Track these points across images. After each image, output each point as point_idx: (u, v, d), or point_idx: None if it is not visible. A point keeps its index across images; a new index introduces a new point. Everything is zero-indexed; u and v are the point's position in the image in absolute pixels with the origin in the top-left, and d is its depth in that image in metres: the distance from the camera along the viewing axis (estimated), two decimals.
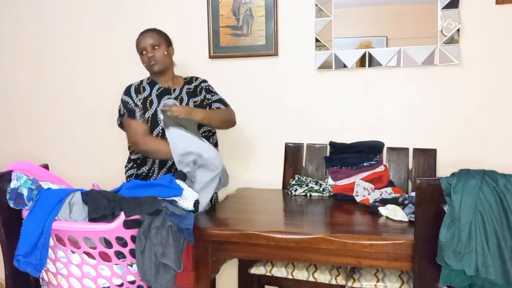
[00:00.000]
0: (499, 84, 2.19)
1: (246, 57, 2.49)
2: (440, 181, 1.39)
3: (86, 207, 1.48)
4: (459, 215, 1.35)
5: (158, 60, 2.04)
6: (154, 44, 2.05)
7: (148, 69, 2.09)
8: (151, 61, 2.04)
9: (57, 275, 1.56)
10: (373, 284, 1.75)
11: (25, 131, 2.89)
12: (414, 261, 1.48)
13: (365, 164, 2.13)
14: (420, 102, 2.30)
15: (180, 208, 1.60)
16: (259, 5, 2.43)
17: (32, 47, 2.83)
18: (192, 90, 2.14)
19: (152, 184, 1.60)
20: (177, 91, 2.10)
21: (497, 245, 1.33)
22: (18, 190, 1.53)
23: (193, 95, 2.12)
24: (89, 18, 2.72)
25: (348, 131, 2.38)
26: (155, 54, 2.04)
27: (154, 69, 2.06)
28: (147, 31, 2.09)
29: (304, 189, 2.19)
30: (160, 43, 2.06)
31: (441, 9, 2.19)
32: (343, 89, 2.39)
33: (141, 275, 1.49)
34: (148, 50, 2.04)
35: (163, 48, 2.06)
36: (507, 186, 1.34)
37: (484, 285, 1.36)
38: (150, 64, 2.05)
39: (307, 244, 1.57)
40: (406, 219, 1.70)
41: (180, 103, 2.06)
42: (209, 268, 1.71)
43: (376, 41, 2.29)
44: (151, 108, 2.02)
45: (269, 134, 2.50)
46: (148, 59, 2.04)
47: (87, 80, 2.77)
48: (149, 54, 2.03)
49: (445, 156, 2.23)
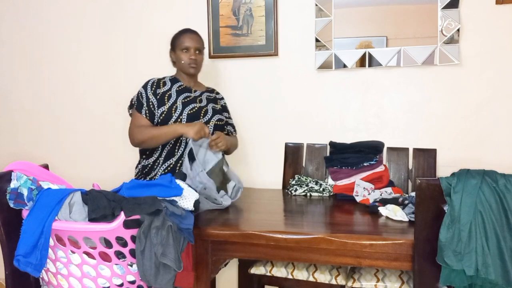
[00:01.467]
0: (499, 84, 2.19)
1: (246, 57, 2.49)
2: (440, 181, 1.39)
3: (86, 207, 1.48)
4: (459, 215, 1.35)
5: (198, 65, 2.12)
6: (200, 48, 2.12)
7: (184, 68, 2.11)
8: (192, 63, 2.09)
9: (57, 275, 1.56)
10: (373, 284, 1.75)
11: (25, 131, 2.90)
12: (414, 261, 1.48)
13: (365, 164, 2.13)
14: (420, 102, 2.30)
15: (180, 208, 1.60)
16: (259, 5, 2.43)
17: (32, 47, 2.83)
18: (213, 98, 2.19)
19: (152, 184, 1.60)
20: (198, 92, 2.14)
21: (497, 245, 1.33)
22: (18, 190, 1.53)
23: (213, 102, 2.17)
24: (89, 18, 2.72)
25: (348, 131, 2.38)
26: (197, 58, 2.10)
27: (191, 71, 2.11)
28: (194, 32, 2.13)
29: (304, 189, 2.19)
30: (202, 49, 2.14)
31: (441, 9, 2.19)
32: (343, 89, 2.39)
33: (141, 275, 1.49)
34: (192, 52, 2.08)
35: (203, 54, 2.13)
36: (507, 186, 1.34)
37: (484, 285, 1.36)
38: (190, 65, 2.09)
39: (307, 244, 1.57)
40: (406, 219, 1.70)
41: (199, 102, 2.10)
42: (209, 268, 1.71)
43: (376, 41, 2.30)
44: (168, 101, 2.04)
45: (269, 134, 2.50)
46: (190, 60, 2.08)
47: (87, 80, 2.77)
48: (192, 56, 2.08)
49: (445, 156, 2.23)
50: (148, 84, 2.09)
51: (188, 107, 2.06)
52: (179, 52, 2.10)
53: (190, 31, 2.13)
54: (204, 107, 2.11)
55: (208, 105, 2.12)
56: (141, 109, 2.05)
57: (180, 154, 2.04)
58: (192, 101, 2.10)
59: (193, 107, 2.07)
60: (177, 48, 2.11)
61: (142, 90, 2.09)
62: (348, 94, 2.39)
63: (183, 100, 2.07)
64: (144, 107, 2.05)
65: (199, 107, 2.09)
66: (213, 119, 2.10)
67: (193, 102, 2.09)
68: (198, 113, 2.07)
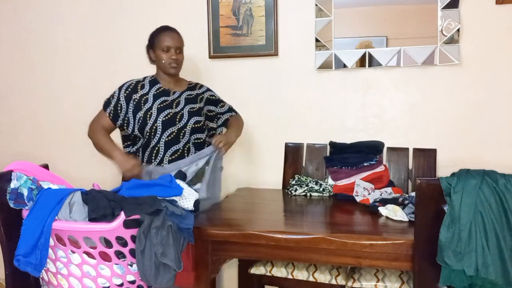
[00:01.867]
0: (499, 84, 2.19)
1: (246, 57, 2.49)
2: (440, 181, 1.39)
3: (86, 207, 1.48)
4: (459, 215, 1.34)
5: (179, 65, 2.07)
6: (180, 47, 2.06)
7: (164, 68, 2.06)
8: (173, 63, 2.04)
9: (57, 275, 1.56)
10: (373, 284, 1.75)
11: (25, 131, 2.89)
12: (414, 261, 1.48)
13: (365, 164, 2.13)
14: (420, 102, 2.30)
15: (180, 208, 1.60)
16: (259, 5, 2.43)
17: (32, 47, 2.83)
18: (193, 97, 2.13)
19: (152, 184, 1.60)
20: (176, 94, 2.09)
21: (497, 245, 1.33)
22: (18, 190, 1.53)
23: (192, 102, 2.11)
24: (89, 18, 2.72)
25: (348, 131, 2.38)
26: (178, 58, 2.05)
27: (172, 72, 2.06)
28: (174, 31, 2.07)
29: (304, 189, 2.19)
30: (182, 47, 2.08)
31: (441, 9, 2.19)
32: (343, 89, 2.39)
33: (141, 275, 1.49)
34: (173, 52, 2.03)
35: (183, 54, 2.09)
36: (507, 186, 1.34)
37: (484, 285, 1.36)
38: (170, 65, 2.04)
39: (307, 244, 1.58)
40: (406, 219, 1.70)
41: (176, 106, 2.05)
42: (209, 268, 1.71)
43: (376, 41, 2.29)
44: (144, 106, 2.01)
45: (269, 134, 2.50)
46: (171, 60, 2.03)
47: (87, 80, 2.77)
48: (173, 56, 2.03)
49: (445, 156, 2.23)
50: (123, 86, 2.06)
51: (163, 113, 2.01)
52: (159, 52, 2.04)
53: (170, 29, 2.08)
54: (180, 111, 2.05)
55: (184, 108, 2.06)
56: (107, 108, 2.04)
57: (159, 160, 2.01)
58: (168, 106, 2.03)
59: (168, 112, 2.01)
60: (156, 47, 2.05)
61: (116, 90, 2.06)
62: (348, 94, 2.38)
63: (159, 106, 2.02)
64: (110, 106, 2.03)
65: (174, 112, 2.02)
66: (189, 123, 2.04)
67: (169, 107, 2.03)
68: (174, 119, 2.02)
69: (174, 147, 2.00)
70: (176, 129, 2.01)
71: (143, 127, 2.01)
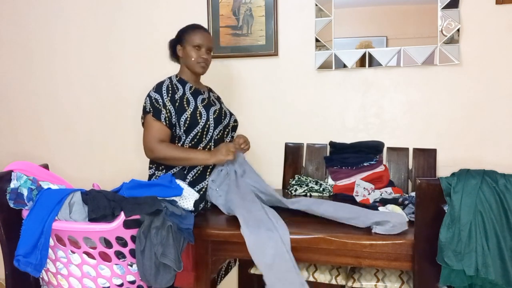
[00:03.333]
0: (499, 84, 2.19)
1: (246, 57, 2.49)
2: (440, 181, 1.39)
3: (86, 207, 1.48)
4: (459, 215, 1.35)
5: (207, 65, 2.02)
6: (210, 48, 2.01)
7: (193, 66, 1.98)
8: (203, 63, 1.98)
9: (57, 275, 1.56)
10: (373, 284, 1.75)
11: (25, 131, 2.89)
12: (414, 261, 1.48)
13: (365, 164, 2.13)
14: (420, 102, 2.30)
15: (180, 208, 1.60)
16: (259, 5, 2.43)
17: (32, 46, 2.83)
18: (217, 98, 2.15)
19: (152, 184, 1.60)
20: (206, 94, 2.06)
21: (497, 245, 1.33)
22: (18, 190, 1.53)
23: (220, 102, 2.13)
24: (89, 18, 2.72)
25: (348, 131, 2.38)
26: (208, 58, 2.00)
27: (200, 71, 2.01)
28: (207, 31, 2.03)
29: (304, 189, 2.19)
30: (212, 49, 2.03)
31: (441, 9, 2.19)
32: (343, 89, 2.39)
33: (141, 275, 1.49)
34: (204, 51, 1.97)
35: (211, 55, 2.04)
36: (507, 186, 1.34)
37: (484, 285, 1.36)
38: (200, 64, 1.97)
39: (307, 244, 1.58)
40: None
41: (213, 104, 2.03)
42: (209, 268, 1.71)
43: (376, 41, 2.29)
44: (189, 107, 1.91)
45: (269, 134, 2.50)
46: (201, 58, 1.97)
47: (87, 80, 2.77)
48: (204, 55, 1.97)
49: (445, 156, 2.23)
50: (163, 89, 1.91)
51: (210, 110, 1.96)
52: (190, 48, 1.95)
53: (204, 29, 2.02)
54: (221, 108, 2.04)
55: (221, 106, 2.07)
56: (160, 116, 1.87)
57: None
58: (210, 103, 2.00)
59: (214, 110, 1.98)
60: (187, 43, 1.96)
61: (156, 96, 1.89)
62: (348, 94, 2.38)
63: (203, 104, 1.96)
64: (163, 113, 1.87)
65: (218, 109, 2.01)
66: (231, 121, 2.07)
67: (211, 105, 2.00)
68: (220, 116, 2.00)
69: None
70: (223, 127, 2.01)
71: (191, 127, 1.90)
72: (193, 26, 2.02)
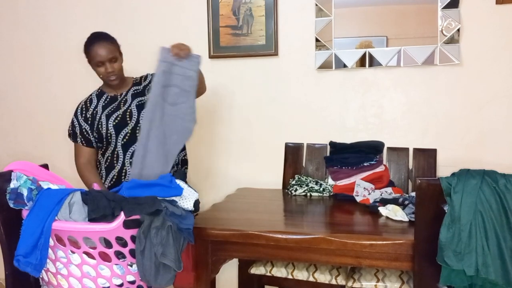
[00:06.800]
0: (499, 84, 2.19)
1: (246, 57, 2.49)
2: (440, 181, 1.39)
3: (86, 207, 1.48)
4: (459, 215, 1.34)
5: (118, 74, 1.99)
6: (112, 57, 1.95)
7: (105, 81, 2.03)
8: (111, 76, 1.97)
9: (57, 275, 1.56)
10: (373, 284, 1.75)
11: (25, 131, 2.89)
12: (414, 261, 1.48)
13: (365, 164, 2.13)
14: (420, 102, 2.30)
15: (180, 208, 1.60)
16: (259, 5, 2.43)
17: (32, 46, 2.83)
18: (140, 91, 2.09)
19: (152, 184, 1.60)
20: (123, 95, 2.07)
21: (497, 245, 1.33)
22: (18, 190, 1.53)
23: (139, 95, 2.07)
24: (89, 18, 2.72)
25: (348, 131, 2.38)
26: (114, 68, 1.96)
27: (113, 83, 2.02)
28: (101, 41, 1.96)
29: (304, 189, 2.19)
30: (116, 55, 1.97)
31: (441, 9, 2.19)
32: (343, 89, 2.39)
33: (141, 275, 1.49)
34: (107, 65, 1.94)
35: (119, 60, 1.99)
36: (507, 186, 1.34)
37: (484, 285, 1.36)
38: (109, 78, 1.98)
39: (307, 244, 1.57)
40: (406, 219, 1.70)
41: (123, 105, 2.03)
42: (209, 268, 1.71)
43: (376, 41, 2.29)
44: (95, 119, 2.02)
45: (269, 134, 2.50)
46: (108, 73, 1.96)
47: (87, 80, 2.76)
48: (108, 69, 1.95)
49: (445, 156, 2.23)
50: (78, 111, 2.08)
51: (111, 117, 2.00)
52: (94, 67, 1.98)
53: (99, 39, 1.96)
54: (127, 109, 2.02)
55: (132, 104, 2.03)
56: (76, 139, 2.07)
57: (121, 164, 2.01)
58: (116, 109, 2.02)
59: (116, 116, 2.01)
60: (90, 62, 1.98)
61: (73, 118, 2.08)
62: (348, 94, 2.38)
63: (106, 113, 2.02)
64: (78, 136, 2.06)
65: (122, 112, 2.01)
66: (140, 117, 2.01)
67: (116, 110, 2.02)
68: (124, 119, 2.00)
69: (132, 148, 1.99)
70: (130, 129, 2.00)
71: (100, 138, 2.02)
72: (90, 41, 1.98)
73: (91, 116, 2.05)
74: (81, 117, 2.07)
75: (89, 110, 2.06)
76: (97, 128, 2.02)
